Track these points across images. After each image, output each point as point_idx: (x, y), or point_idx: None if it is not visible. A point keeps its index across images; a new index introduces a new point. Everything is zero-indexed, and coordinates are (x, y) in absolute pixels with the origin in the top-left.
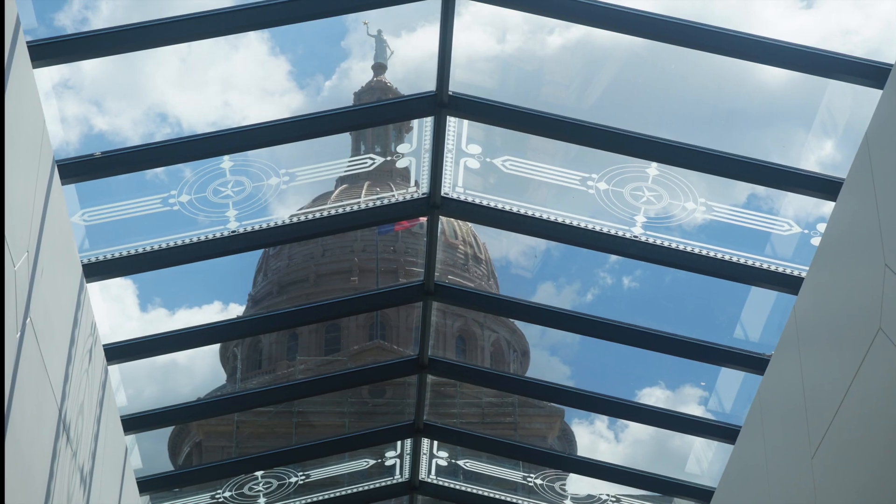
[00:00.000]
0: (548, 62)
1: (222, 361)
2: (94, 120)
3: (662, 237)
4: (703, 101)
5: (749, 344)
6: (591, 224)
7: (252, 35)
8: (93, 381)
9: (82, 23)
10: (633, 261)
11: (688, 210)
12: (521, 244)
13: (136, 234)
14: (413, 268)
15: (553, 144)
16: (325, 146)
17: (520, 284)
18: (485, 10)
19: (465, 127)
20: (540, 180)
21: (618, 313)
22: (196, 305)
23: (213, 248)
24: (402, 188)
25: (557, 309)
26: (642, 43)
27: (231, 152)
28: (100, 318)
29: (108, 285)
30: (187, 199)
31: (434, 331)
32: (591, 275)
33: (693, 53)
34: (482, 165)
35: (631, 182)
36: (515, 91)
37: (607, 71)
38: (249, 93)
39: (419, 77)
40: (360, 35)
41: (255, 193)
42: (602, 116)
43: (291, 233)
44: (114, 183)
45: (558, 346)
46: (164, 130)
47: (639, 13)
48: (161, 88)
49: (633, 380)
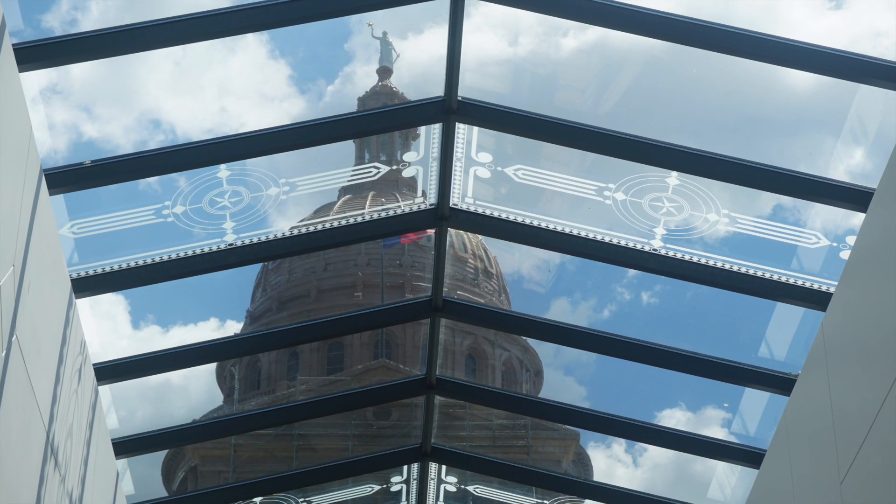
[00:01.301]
0: (562, 66)
1: (219, 381)
2: (84, 127)
3: (683, 250)
4: (726, 107)
5: (774, 363)
6: (607, 237)
7: (250, 37)
8: (82, 403)
9: (71, 24)
10: (653, 275)
11: (710, 222)
12: (533, 258)
13: (128, 248)
14: (420, 283)
15: (568, 153)
16: (328, 154)
17: (533, 300)
18: (496, 10)
19: (475, 134)
20: (554, 190)
21: (636, 330)
22: (191, 322)
23: (210, 262)
24: (408, 199)
25: (572, 326)
26: (662, 45)
27: (228, 161)
28: (89, 335)
29: (98, 301)
30: (182, 211)
31: (442, 349)
32: (607, 290)
33: (716, 56)
34: (493, 175)
35: (650, 192)
36: (528, 96)
37: (625, 75)
38: (247, 98)
39: (426, 81)
40: (364, 37)
41: (253, 204)
42: (619, 123)
43: (292, 246)
44: (104, 193)
45: (573, 366)
46: (158, 138)
47: (658, 14)
48: (154, 93)
49: (653, 401)
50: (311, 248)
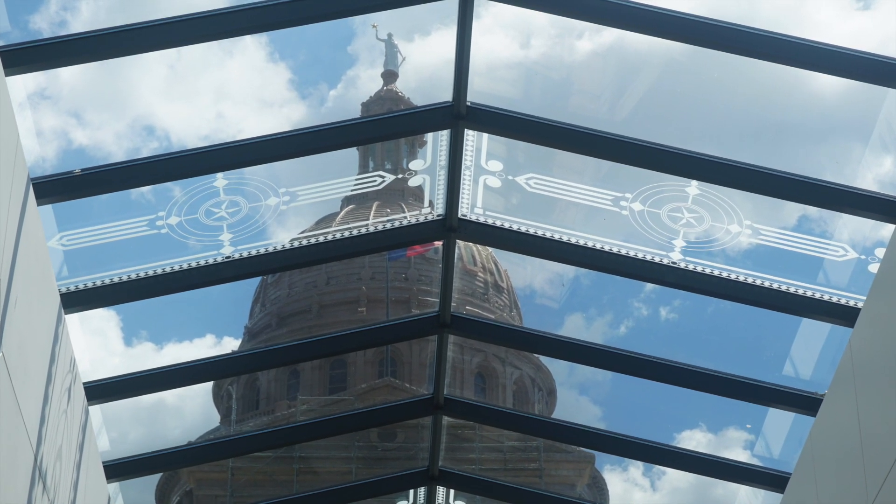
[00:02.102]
0: (577, 69)
1: (215, 401)
2: (74, 133)
3: (704, 263)
4: (749, 113)
5: (800, 382)
6: (624, 249)
7: (248, 39)
8: (72, 424)
9: (60, 26)
10: (672, 290)
11: (732, 233)
12: (546, 271)
13: (120, 260)
14: (427, 297)
15: (582, 161)
16: (330, 163)
17: (545, 316)
18: (507, 11)
19: (484, 141)
20: (568, 200)
21: (654, 348)
22: (186, 339)
23: (206, 276)
24: (414, 209)
25: (587, 343)
26: (681, 48)
27: (225, 169)
28: (79, 353)
29: (88, 317)
30: (177, 222)
31: (450, 367)
32: (624, 305)
33: (738, 60)
34: (504, 184)
35: (669, 202)
36: (541, 101)
37: (643, 79)
38: (245, 103)
39: (434, 86)
40: (368, 39)
41: (251, 215)
42: (637, 129)
43: (292, 259)
44: (95, 203)
45: (588, 385)
46: (151, 145)
47: (678, 15)
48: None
49: (671, 421)
50: (313, 262)
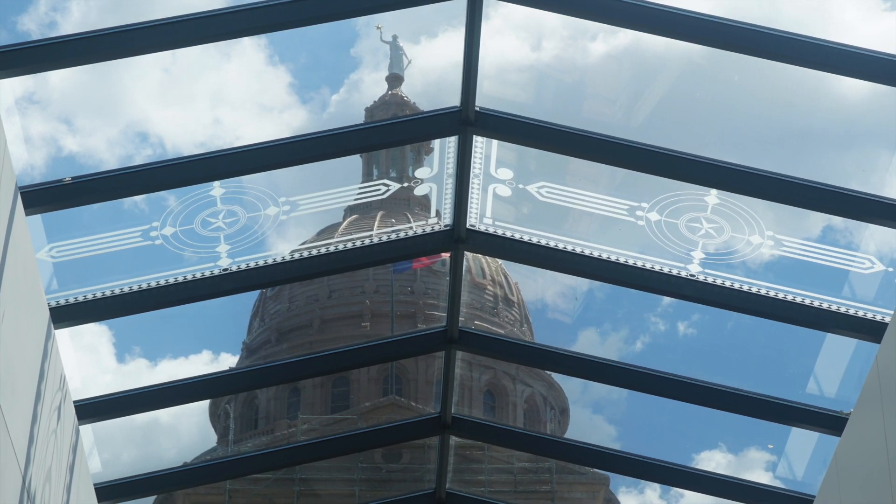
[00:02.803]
0: (590, 73)
1: (212, 420)
2: (64, 140)
3: (723, 276)
4: (771, 118)
5: (824, 400)
6: (640, 261)
7: (247, 42)
8: (62, 444)
9: (49, 27)
10: (690, 304)
11: (753, 245)
12: (559, 284)
13: (113, 273)
14: (434, 312)
15: (596, 168)
16: (332, 171)
17: (558, 331)
18: (517, 11)
19: (494, 148)
20: (581, 210)
21: (672, 364)
22: (182, 355)
23: (202, 289)
24: (420, 219)
25: (601, 360)
26: (700, 50)
27: (222, 178)
28: (70, 369)
29: (79, 332)
30: (171, 232)
31: (458, 385)
32: (640, 320)
33: (760, 63)
34: (514, 193)
35: (687, 212)
36: (553, 106)
37: (660, 83)
38: (244, 108)
39: (441, 90)
40: (372, 41)
41: (250, 225)
42: (653, 136)
43: (292, 271)
44: (86, 213)
45: (603, 403)
46: (145, 152)
47: (696, 16)
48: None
49: (690, 441)
50: (314, 274)
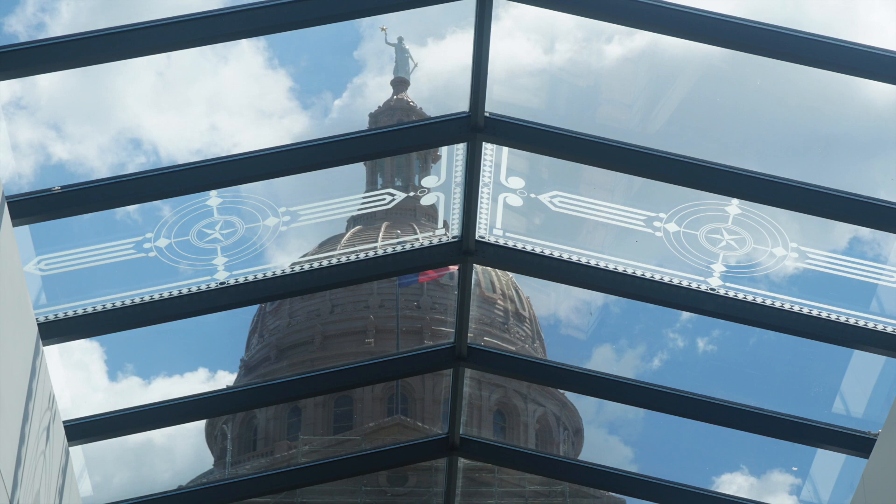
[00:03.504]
0: (606, 77)
1: (209, 442)
2: (53, 147)
3: (745, 290)
4: (795, 125)
5: (851, 420)
6: (658, 274)
7: (245, 44)
8: (51, 466)
9: (38, 28)
10: (710, 319)
11: (776, 257)
12: (573, 299)
13: (104, 287)
14: (441, 327)
15: (612, 177)
16: (335, 179)
17: (571, 347)
18: (529, 12)
19: (504, 156)
20: (596, 221)
21: (691, 382)
22: (177, 373)
23: (198, 304)
24: (427, 230)
25: (617, 377)
26: (721, 53)
27: (219, 187)
28: (59, 388)
29: (69, 349)
30: (166, 244)
31: (467, 404)
32: (658, 336)
33: (783, 66)
34: (525, 202)
35: (707, 223)
36: (566, 112)
37: (678, 87)
38: (242, 114)
39: (449, 95)
40: (376, 44)
41: (248, 237)
42: (672, 143)
43: (293, 285)
44: (76, 224)
45: (618, 423)
46: (138, 160)
47: (717, 17)
48: (134, 109)
49: (710, 464)
50: (316, 288)
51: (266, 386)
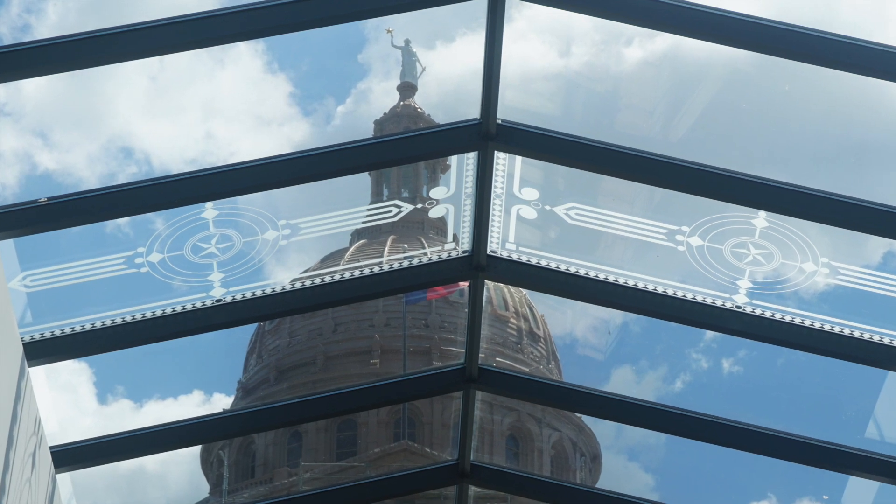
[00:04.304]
0: (625, 81)
1: (204, 468)
2: (39, 156)
3: (773, 308)
4: (826, 133)
5: (885, 446)
6: (680, 291)
7: (243, 47)
8: (37, 495)
9: (23, 30)
10: (736, 338)
11: (806, 273)
12: (590, 317)
13: (93, 304)
14: (451, 347)
15: (632, 188)
16: (337, 190)
17: (589, 369)
18: (543, 13)
19: (517, 165)
20: (615, 234)
21: (715, 406)
22: (170, 396)
23: (193, 322)
24: (436, 244)
25: (637, 401)
26: (747, 57)
27: (216, 198)
28: (46, 412)
29: (56, 370)
30: (159, 259)
31: (478, 429)
32: (680, 356)
33: (813, 70)
34: (540, 215)
35: (733, 237)
36: (583, 119)
37: (702, 93)
38: (239, 121)
39: (458, 101)
40: (382, 46)
41: (246, 251)
42: (695, 151)
43: (293, 302)
44: (64, 238)
45: (638, 449)
46: (130, 169)
47: (743, 18)
48: (125, 115)
49: (736, 492)
50: (318, 306)
51: (265, 409)
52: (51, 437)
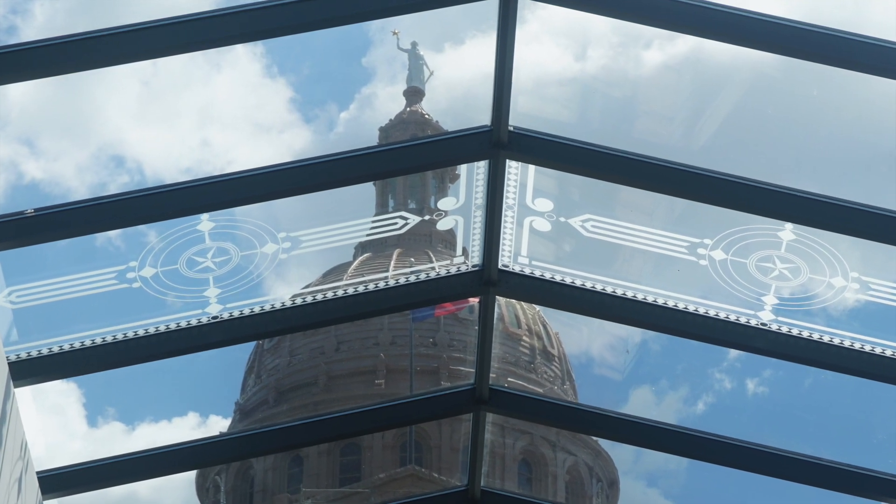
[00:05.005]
0: (644, 86)
1: (199, 495)
2: (25, 165)
3: (800, 325)
4: (856, 140)
5: None
6: (702, 307)
7: (240, 49)
8: None
9: (9, 32)
10: (761, 357)
11: (835, 288)
12: (607, 335)
13: (83, 321)
14: (460, 367)
15: (651, 199)
16: (340, 201)
17: (605, 389)
18: (558, 14)
19: (530, 174)
20: (633, 247)
21: (739, 428)
22: (164, 418)
23: (188, 341)
24: (444, 258)
25: (657, 423)
26: (773, 60)
27: (212, 210)
28: (33, 435)
29: (43, 391)
30: (152, 274)
31: (489, 453)
32: (702, 376)
33: (843, 74)
34: (554, 227)
35: (758, 250)
36: (600, 126)
37: (725, 98)
38: (236, 128)
39: (468, 107)
40: (387, 49)
41: (244, 266)
42: (718, 160)
43: (294, 319)
44: (52, 251)
45: (658, 475)
46: (121, 179)
47: (769, 19)
48: (116, 122)
49: None
50: (320, 323)
51: (264, 432)
52: (38, 461)
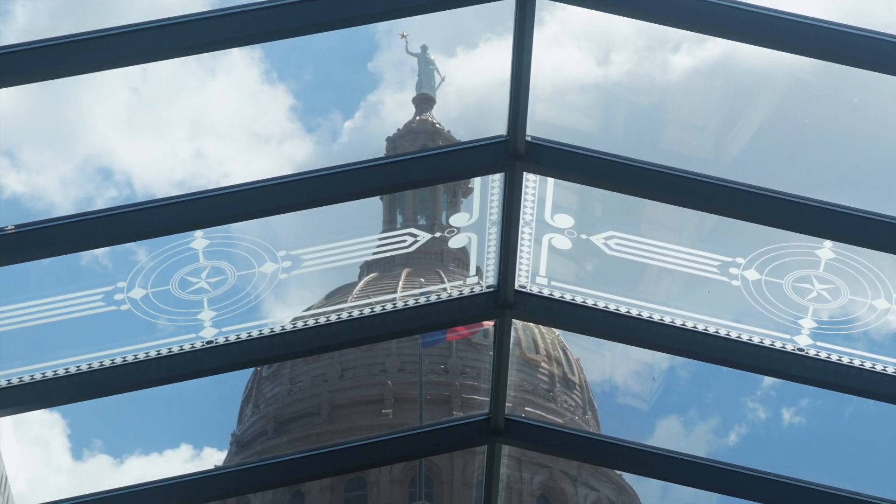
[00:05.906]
0: (672, 93)
1: None
2: (5, 178)
3: (840, 350)
4: None
5: None
6: (735, 331)
7: (237, 53)
8: None
9: None
10: (798, 385)
11: (877, 311)
12: (632, 361)
13: (67, 346)
14: (474, 396)
15: (679, 214)
16: (345, 217)
17: (630, 420)
18: (579, 15)
19: (549, 188)
20: (660, 267)
21: (774, 461)
22: (154, 451)
23: (181, 367)
24: (457, 278)
25: (685, 456)
26: (810, 65)
27: (206, 226)
28: (13, 468)
29: (25, 421)
30: (142, 295)
31: (504, 488)
32: (735, 405)
33: (885, 80)
34: (575, 245)
35: (794, 270)
36: (624, 136)
37: (759, 106)
38: (233, 138)
39: (482, 115)
40: (395, 53)
41: (241, 286)
42: (751, 173)
43: (294, 344)
44: (34, 271)
45: None
46: (108, 193)
47: (806, 21)
48: (103, 132)
49: None
50: (322, 348)
51: (262, 466)
52: (19, 497)
